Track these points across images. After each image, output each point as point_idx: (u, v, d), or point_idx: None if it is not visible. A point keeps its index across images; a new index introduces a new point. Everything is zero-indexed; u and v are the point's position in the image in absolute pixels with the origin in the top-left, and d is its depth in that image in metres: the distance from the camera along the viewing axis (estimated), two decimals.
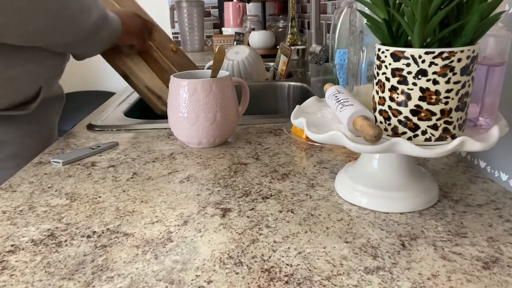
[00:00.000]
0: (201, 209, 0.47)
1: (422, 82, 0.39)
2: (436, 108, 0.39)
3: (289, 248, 0.39)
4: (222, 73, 0.68)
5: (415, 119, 0.40)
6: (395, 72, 0.40)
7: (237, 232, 0.42)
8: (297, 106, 0.53)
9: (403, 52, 0.39)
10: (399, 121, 0.41)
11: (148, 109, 1.10)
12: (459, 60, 0.38)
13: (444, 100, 0.39)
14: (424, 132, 0.40)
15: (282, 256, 0.38)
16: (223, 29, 2.25)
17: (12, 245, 0.41)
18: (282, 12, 2.13)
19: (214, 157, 0.63)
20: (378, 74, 0.42)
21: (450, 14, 0.38)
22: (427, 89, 0.39)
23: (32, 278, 0.36)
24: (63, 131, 0.79)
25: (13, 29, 0.62)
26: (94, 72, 2.59)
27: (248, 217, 0.45)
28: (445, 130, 0.40)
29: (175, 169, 0.59)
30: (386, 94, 0.41)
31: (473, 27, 0.37)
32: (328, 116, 0.52)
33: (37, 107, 0.76)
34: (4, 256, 0.39)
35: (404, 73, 0.39)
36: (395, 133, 0.42)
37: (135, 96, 1.06)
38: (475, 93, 0.44)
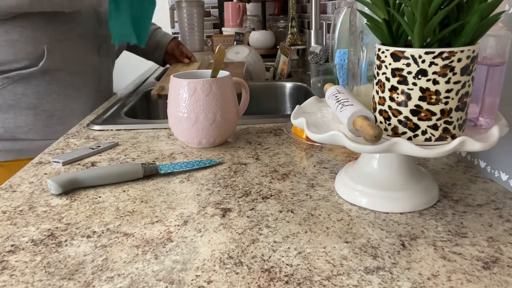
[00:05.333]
0: (201, 209, 0.47)
1: (422, 82, 0.39)
2: (436, 108, 0.39)
3: (289, 248, 0.39)
4: (222, 73, 0.68)
5: (415, 119, 0.40)
6: (395, 72, 0.40)
7: (237, 232, 0.42)
8: (297, 106, 0.53)
9: (403, 52, 0.39)
10: (399, 121, 0.41)
11: (148, 109, 1.10)
12: (459, 60, 0.38)
13: (444, 100, 0.39)
14: (424, 132, 0.40)
15: (282, 256, 0.38)
16: (223, 29, 2.25)
17: (12, 245, 0.41)
18: (282, 12, 2.13)
19: (214, 157, 0.63)
20: (378, 74, 0.42)
21: (450, 14, 0.38)
22: (427, 89, 0.39)
23: (32, 278, 0.36)
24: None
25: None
26: None
27: (248, 217, 0.45)
28: (445, 130, 0.40)
29: None
30: (386, 94, 0.41)
31: (473, 27, 0.37)
32: (328, 116, 0.52)
33: (46, 68, 0.84)
34: (4, 256, 0.39)
35: (404, 73, 0.39)
36: (395, 133, 0.42)
37: (135, 96, 1.05)
38: (475, 93, 0.44)
